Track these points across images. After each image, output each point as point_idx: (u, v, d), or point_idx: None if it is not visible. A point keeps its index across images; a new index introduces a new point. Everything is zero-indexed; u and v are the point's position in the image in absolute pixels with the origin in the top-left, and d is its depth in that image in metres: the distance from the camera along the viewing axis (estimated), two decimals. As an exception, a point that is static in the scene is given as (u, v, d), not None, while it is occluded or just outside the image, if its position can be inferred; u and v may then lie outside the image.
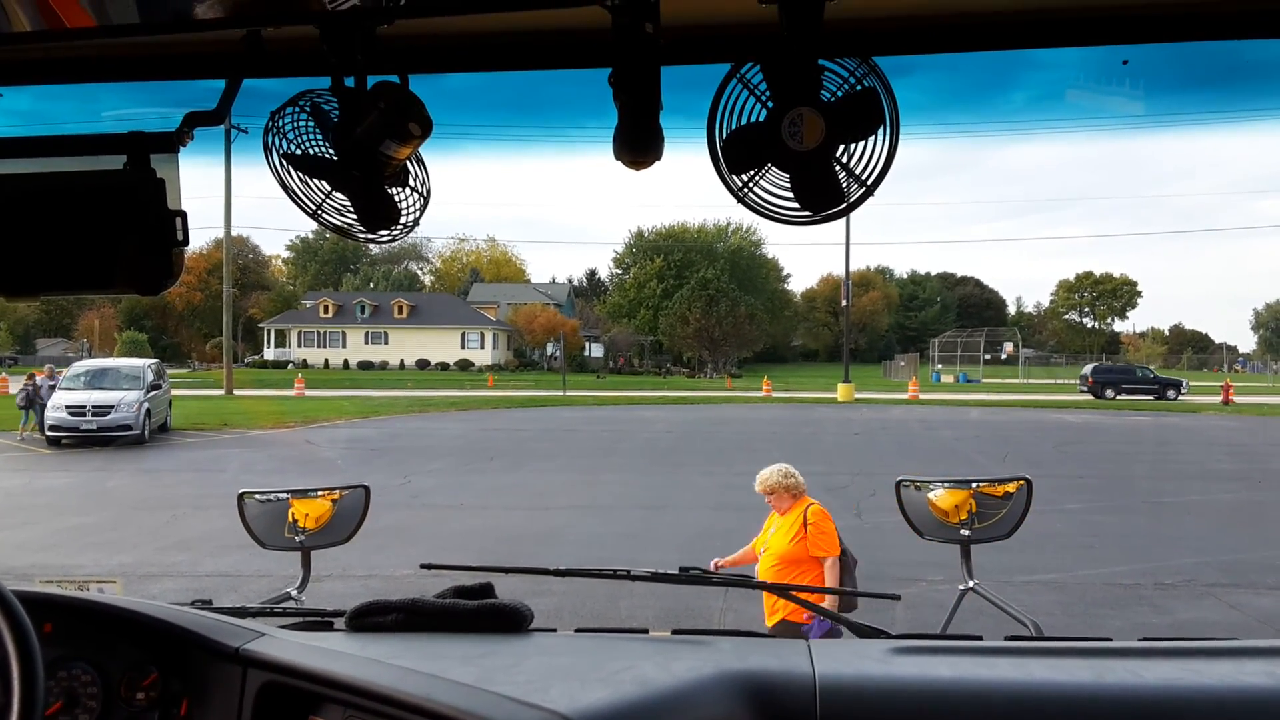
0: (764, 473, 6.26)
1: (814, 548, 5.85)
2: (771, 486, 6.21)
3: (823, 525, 5.96)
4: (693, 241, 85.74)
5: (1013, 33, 1.48)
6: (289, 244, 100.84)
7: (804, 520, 5.97)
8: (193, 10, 1.34)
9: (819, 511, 6.05)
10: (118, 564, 10.89)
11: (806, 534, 5.90)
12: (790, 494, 6.16)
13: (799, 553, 5.85)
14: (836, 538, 5.99)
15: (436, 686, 1.52)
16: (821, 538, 5.90)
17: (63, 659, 1.73)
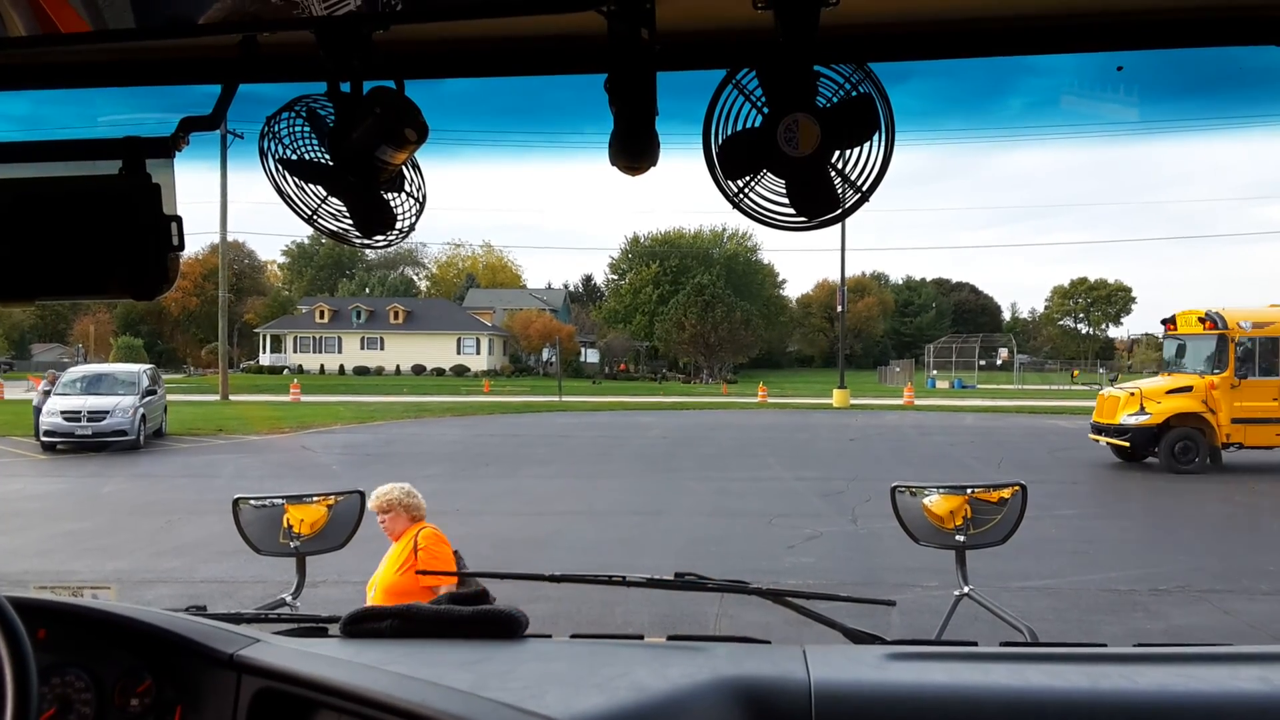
0: (381, 490, 5.45)
1: (425, 577, 5.14)
2: (388, 504, 5.43)
3: (436, 550, 5.27)
4: (688, 247, 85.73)
5: (1008, 39, 1.48)
6: (285, 249, 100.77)
7: (414, 545, 5.28)
8: (189, 16, 1.34)
9: (432, 534, 5.38)
10: (112, 570, 10.86)
11: (416, 561, 5.19)
12: (408, 515, 5.44)
13: (408, 585, 5.10)
14: (453, 564, 5.30)
15: (431, 693, 1.52)
16: (434, 564, 5.19)
17: (56, 665, 1.73)
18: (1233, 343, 20.23)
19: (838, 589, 2.72)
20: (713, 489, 17.50)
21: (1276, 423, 19.91)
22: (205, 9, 1.33)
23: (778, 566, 10.79)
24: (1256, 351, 20.34)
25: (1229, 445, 20.15)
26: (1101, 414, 21.55)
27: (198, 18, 1.33)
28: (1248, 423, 19.93)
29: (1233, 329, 20.30)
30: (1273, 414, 19.88)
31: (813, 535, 12.70)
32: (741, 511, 14.80)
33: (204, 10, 1.33)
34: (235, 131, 1.88)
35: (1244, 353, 20.31)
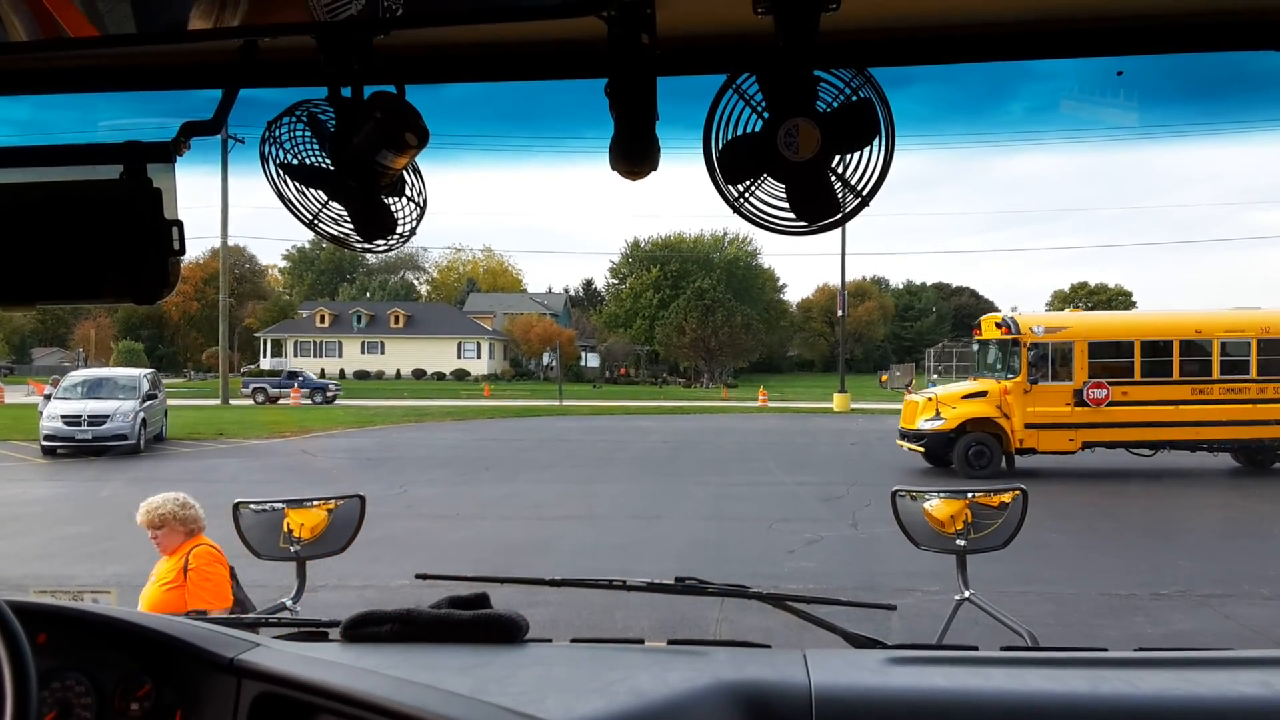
0: (151, 501, 4.92)
1: (194, 599, 4.65)
2: (160, 518, 4.86)
3: (209, 571, 4.76)
4: (689, 251, 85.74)
5: (1008, 44, 1.49)
6: (285, 254, 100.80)
7: (185, 564, 4.76)
8: (190, 20, 1.34)
9: (207, 553, 4.84)
10: (112, 574, 10.84)
11: (186, 581, 4.69)
12: (184, 529, 4.90)
13: (175, 603, 4.61)
14: (227, 586, 4.81)
15: (432, 697, 1.52)
16: (205, 586, 4.69)
17: (56, 669, 1.73)
18: (1025, 348, 20.08)
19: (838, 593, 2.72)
20: (713, 493, 17.50)
21: (1069, 428, 19.88)
22: (206, 14, 1.33)
23: (778, 571, 10.78)
24: (1049, 356, 20.25)
25: (1023, 450, 20.00)
26: (905, 419, 21.43)
27: (199, 23, 1.34)
28: (1041, 428, 19.87)
29: (1025, 334, 20.16)
30: (1065, 419, 19.86)
31: (813, 540, 12.69)
32: (742, 516, 14.80)
33: (205, 15, 1.33)
34: (236, 136, 1.89)
35: (1036, 358, 20.17)
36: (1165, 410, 19.77)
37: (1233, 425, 19.85)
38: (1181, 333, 20.48)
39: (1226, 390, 19.98)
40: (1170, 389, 19.98)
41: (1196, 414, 19.78)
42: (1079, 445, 19.96)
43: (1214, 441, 20.14)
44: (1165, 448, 20.12)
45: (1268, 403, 19.81)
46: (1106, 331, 21.12)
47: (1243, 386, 19.97)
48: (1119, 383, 20.00)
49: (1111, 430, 19.90)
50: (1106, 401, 19.82)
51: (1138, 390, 19.97)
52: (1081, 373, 19.98)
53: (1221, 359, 20.15)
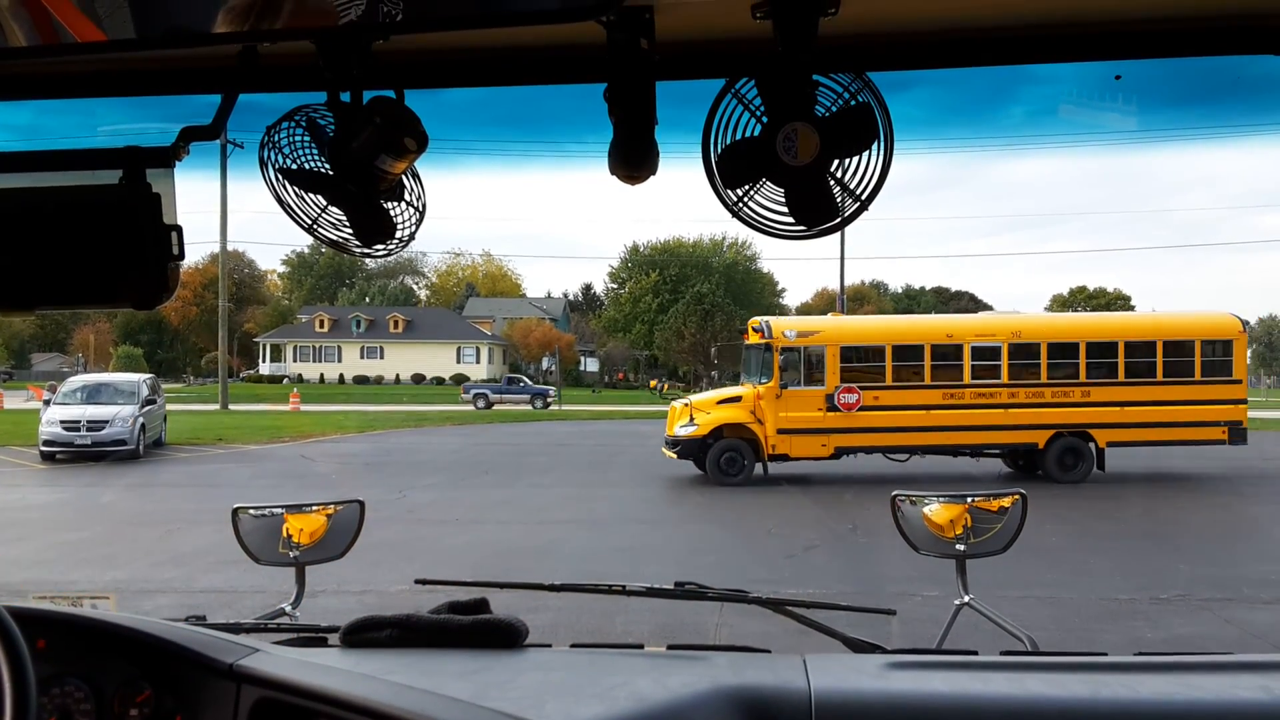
0: None
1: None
2: None
3: None
4: (688, 256, 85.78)
5: (1006, 48, 1.49)
6: (285, 259, 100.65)
7: None
8: (189, 26, 1.34)
9: None
10: (111, 580, 10.84)
11: None
12: None
13: None
14: None
15: (431, 702, 1.52)
16: None
17: (56, 676, 1.73)
18: (777, 352, 19.77)
19: (838, 598, 2.72)
20: (712, 498, 17.49)
21: (821, 433, 19.59)
22: (206, 19, 1.33)
23: (777, 575, 10.78)
24: (802, 361, 20.00)
25: (776, 456, 19.65)
26: (668, 426, 20.85)
27: (198, 28, 1.34)
28: (793, 433, 19.54)
29: (777, 338, 19.89)
30: (817, 424, 19.58)
31: (812, 544, 12.69)
32: (741, 520, 14.79)
33: (205, 20, 1.33)
34: (235, 141, 1.89)
35: (789, 362, 19.91)
36: (917, 415, 19.74)
37: (986, 430, 19.87)
38: (933, 337, 20.46)
39: (978, 395, 19.94)
40: (922, 393, 19.92)
41: (948, 419, 19.76)
42: (831, 450, 19.65)
43: (968, 446, 20.20)
44: (919, 452, 20.01)
45: (1018, 407, 19.84)
46: (858, 336, 20.91)
47: (994, 391, 19.95)
48: (871, 387, 19.81)
49: (864, 435, 19.74)
50: (858, 406, 19.63)
51: (889, 395, 19.87)
52: (833, 377, 19.79)
53: (973, 363, 20.07)
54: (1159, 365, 20.23)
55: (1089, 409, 19.87)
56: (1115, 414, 19.77)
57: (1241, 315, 21.15)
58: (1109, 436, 19.88)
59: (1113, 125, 1.70)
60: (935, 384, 20.02)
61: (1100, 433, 19.85)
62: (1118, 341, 20.42)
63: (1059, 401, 19.94)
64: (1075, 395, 20.02)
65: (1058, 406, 19.91)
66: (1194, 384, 20.20)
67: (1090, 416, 19.85)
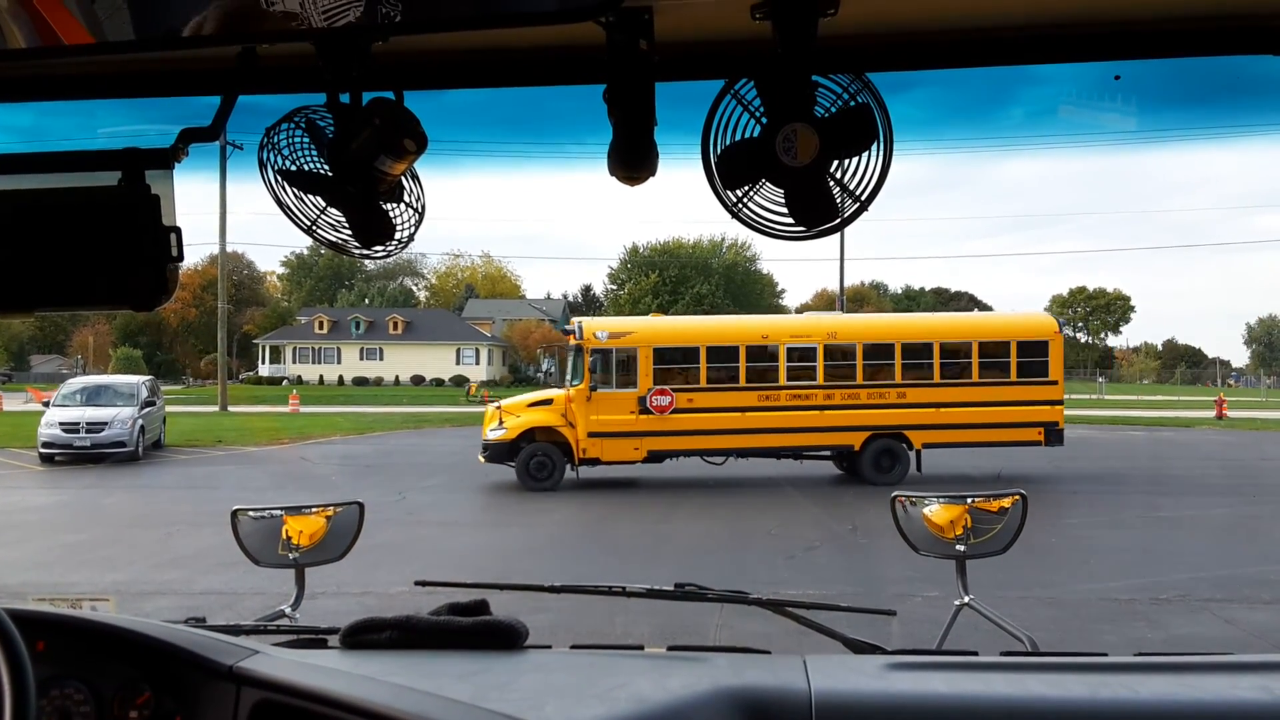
0: None
1: None
2: None
3: None
4: (688, 257, 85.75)
5: (1006, 49, 1.49)
6: (284, 260, 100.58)
7: None
8: (188, 27, 1.34)
9: None
10: (111, 582, 10.84)
11: None
12: None
13: None
14: None
15: (431, 704, 1.51)
16: None
17: (55, 678, 1.72)
18: (587, 353, 19.29)
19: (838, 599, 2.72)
20: (712, 499, 17.49)
21: (633, 436, 19.05)
22: (205, 21, 1.33)
23: (777, 576, 10.78)
24: (614, 363, 19.49)
25: (587, 460, 19.11)
26: (483, 430, 20.17)
27: (197, 29, 1.34)
28: (605, 436, 18.97)
29: (588, 339, 19.39)
30: (629, 427, 19.01)
31: (812, 545, 12.69)
32: (741, 521, 14.79)
33: (203, 22, 1.33)
34: (235, 143, 1.89)
35: (601, 364, 19.40)
36: (733, 417, 19.34)
37: (802, 432, 19.54)
38: (748, 338, 20.05)
39: (793, 396, 19.63)
40: (737, 395, 19.54)
41: (764, 421, 19.40)
42: (645, 454, 19.12)
43: (784, 448, 19.87)
44: (735, 455, 19.59)
45: (834, 409, 19.57)
46: (672, 337, 20.44)
47: (809, 393, 19.66)
48: (685, 390, 19.39)
49: (678, 439, 19.24)
50: (671, 409, 19.18)
51: (704, 397, 19.43)
52: (646, 379, 19.31)
53: (788, 365, 19.78)
54: (975, 366, 20.14)
55: (904, 410, 19.66)
56: (931, 415, 19.58)
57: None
58: (925, 438, 19.70)
59: (1112, 126, 1.70)
60: (750, 386, 19.66)
61: (916, 434, 19.65)
62: (933, 343, 20.20)
63: (875, 403, 19.70)
64: (891, 397, 19.80)
65: (873, 408, 19.67)
66: (1010, 385, 20.11)
67: (906, 418, 19.63)
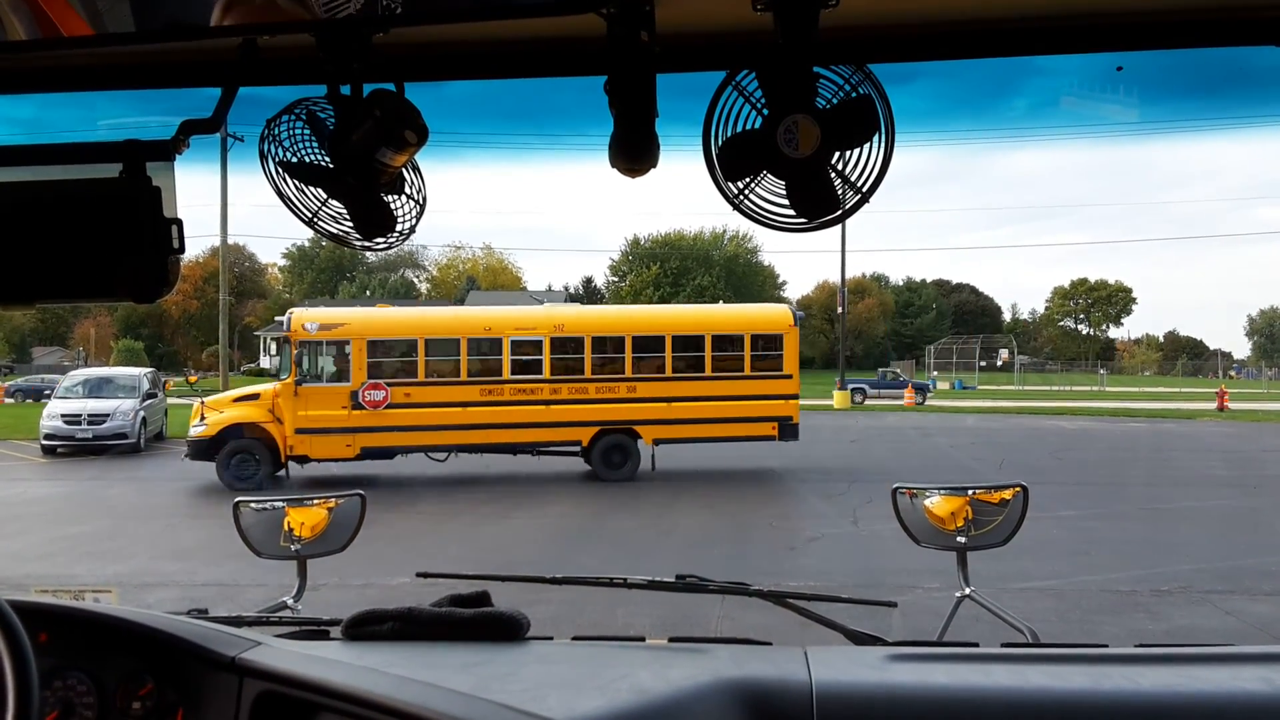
0: None
1: None
2: None
3: None
4: (689, 249, 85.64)
5: (1007, 40, 1.48)
6: (285, 252, 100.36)
7: None
8: (189, 19, 1.34)
9: None
10: (113, 573, 10.86)
11: None
12: None
13: None
14: None
15: (433, 695, 1.52)
16: None
17: (58, 669, 1.73)
18: (294, 346, 18.39)
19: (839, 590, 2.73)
20: (713, 491, 17.51)
21: (346, 432, 18.27)
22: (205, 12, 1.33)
23: (779, 568, 10.79)
24: (324, 355, 18.76)
25: (297, 458, 18.30)
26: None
27: (198, 21, 1.34)
28: (314, 433, 18.13)
29: (295, 330, 18.47)
30: (341, 423, 18.24)
31: (814, 537, 12.70)
32: (742, 513, 14.80)
33: (204, 13, 1.33)
34: (236, 134, 1.89)
35: (310, 357, 18.59)
36: (454, 413, 18.65)
37: (527, 428, 18.98)
38: (470, 330, 19.44)
39: (518, 391, 19.03)
40: (458, 390, 18.91)
41: (487, 416, 18.83)
42: (357, 451, 18.37)
43: (510, 444, 19.22)
44: (456, 451, 19.03)
45: (562, 404, 19.09)
46: (388, 329, 19.67)
47: (535, 387, 19.11)
48: (402, 384, 18.71)
49: (394, 435, 18.49)
50: (385, 404, 18.46)
51: (422, 392, 18.75)
52: (360, 373, 18.51)
53: (513, 358, 19.19)
54: (708, 360, 19.74)
55: (635, 405, 19.24)
56: (662, 410, 19.22)
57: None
58: (656, 434, 19.30)
59: (1114, 117, 1.70)
60: (473, 380, 19.07)
61: (647, 430, 19.23)
62: (665, 336, 19.80)
63: (604, 398, 19.23)
64: (621, 391, 19.36)
65: (602, 403, 19.20)
66: (744, 379, 19.82)
67: (636, 413, 19.21)
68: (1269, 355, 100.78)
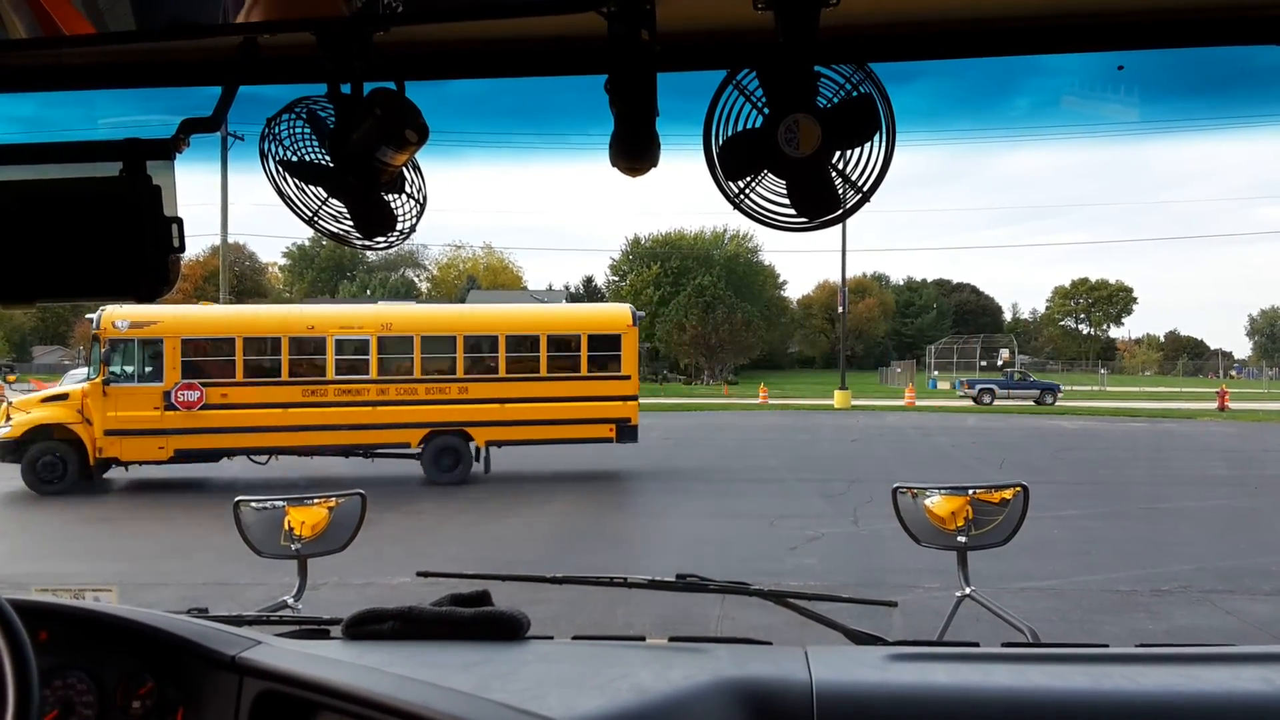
0: None
1: None
2: None
3: None
4: (689, 248, 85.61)
5: (1008, 39, 1.48)
6: (285, 251, 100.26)
7: None
8: (189, 17, 1.34)
9: None
10: (113, 572, 10.86)
11: None
12: None
13: None
14: None
15: (433, 694, 1.52)
16: None
17: (58, 667, 1.73)
18: (103, 344, 17.70)
19: (839, 590, 2.72)
20: (714, 490, 17.51)
21: (159, 434, 17.61)
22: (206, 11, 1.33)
23: (779, 568, 10.79)
24: (137, 355, 17.97)
25: (109, 460, 17.70)
26: None
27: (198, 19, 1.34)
28: (125, 434, 17.50)
29: (105, 328, 17.69)
30: (154, 424, 17.60)
31: (814, 536, 12.69)
32: (743, 512, 14.79)
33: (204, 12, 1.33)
34: (236, 133, 1.89)
35: (121, 356, 17.94)
36: (275, 414, 18.05)
37: (353, 430, 18.41)
38: (292, 329, 18.75)
39: (343, 392, 18.47)
40: (280, 390, 18.28)
41: (311, 418, 18.22)
42: (171, 453, 17.75)
43: (335, 446, 18.63)
44: (277, 454, 18.42)
45: (389, 405, 18.58)
46: (204, 328, 18.79)
47: (362, 388, 18.57)
48: (219, 384, 18.04)
49: (210, 437, 17.85)
50: (200, 405, 17.83)
51: (241, 392, 18.11)
52: (174, 373, 17.84)
53: (338, 358, 18.63)
54: (543, 361, 19.42)
55: (466, 406, 18.82)
56: (495, 412, 18.87)
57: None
58: (489, 435, 18.94)
59: (1115, 116, 1.70)
60: (295, 380, 18.43)
61: (479, 431, 18.84)
62: (498, 335, 19.42)
63: (434, 399, 18.78)
64: (452, 392, 18.93)
65: (432, 404, 18.74)
66: (581, 380, 19.60)
67: (467, 415, 18.80)
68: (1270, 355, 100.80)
